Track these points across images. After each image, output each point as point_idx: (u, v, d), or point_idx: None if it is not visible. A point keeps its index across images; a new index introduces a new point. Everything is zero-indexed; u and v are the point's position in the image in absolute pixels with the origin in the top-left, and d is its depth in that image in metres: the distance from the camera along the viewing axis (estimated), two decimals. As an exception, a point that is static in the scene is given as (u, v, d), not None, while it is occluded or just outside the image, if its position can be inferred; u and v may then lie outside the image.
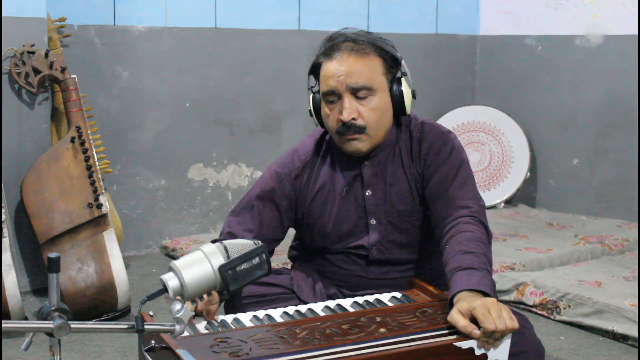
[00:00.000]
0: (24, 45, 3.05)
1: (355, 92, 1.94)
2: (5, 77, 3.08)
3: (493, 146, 4.61)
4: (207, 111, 3.97)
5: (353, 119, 1.93)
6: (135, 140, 3.78)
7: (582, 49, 4.36)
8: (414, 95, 2.02)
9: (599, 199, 4.33)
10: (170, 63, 3.84)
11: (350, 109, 1.94)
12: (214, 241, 2.01)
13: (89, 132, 3.06)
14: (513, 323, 1.60)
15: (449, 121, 4.58)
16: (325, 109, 2.00)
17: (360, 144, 1.98)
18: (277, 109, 4.18)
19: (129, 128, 3.76)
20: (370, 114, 1.96)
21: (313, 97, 2.05)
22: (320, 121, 2.06)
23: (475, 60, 4.91)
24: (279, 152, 4.00)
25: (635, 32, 4.07)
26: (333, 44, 1.99)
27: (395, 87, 1.99)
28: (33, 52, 3.04)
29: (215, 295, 1.82)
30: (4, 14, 3.01)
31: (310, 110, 2.08)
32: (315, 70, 2.03)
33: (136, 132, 3.78)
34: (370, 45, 1.97)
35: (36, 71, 3.04)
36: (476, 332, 1.60)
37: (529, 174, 4.50)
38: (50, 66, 3.04)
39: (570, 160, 4.45)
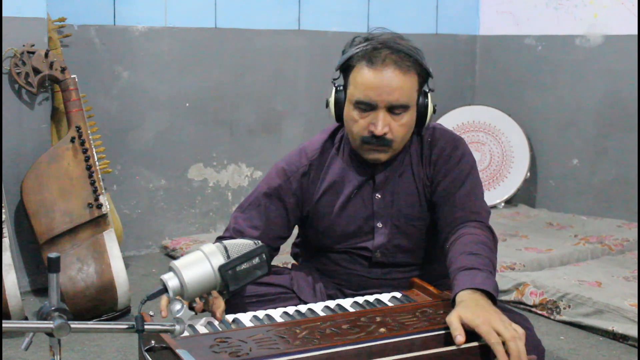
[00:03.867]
0: (24, 45, 3.05)
1: (392, 109, 1.93)
2: (5, 77, 3.08)
3: (493, 146, 4.61)
4: (207, 111, 3.97)
5: (384, 133, 1.93)
6: (135, 140, 3.78)
7: (582, 49, 4.36)
8: (434, 111, 2.02)
9: (599, 199, 4.33)
10: (170, 63, 3.84)
11: (384, 123, 1.92)
12: (219, 238, 2.03)
13: (89, 132, 3.06)
14: (520, 329, 1.60)
15: (449, 121, 4.58)
16: (352, 114, 1.96)
17: (381, 155, 1.98)
18: (277, 109, 4.18)
19: (129, 128, 3.76)
20: (400, 130, 1.95)
21: (337, 94, 2.01)
22: (338, 116, 2.02)
23: (475, 60, 4.91)
24: (279, 152, 4.02)
25: (635, 32, 4.07)
26: (376, 51, 1.93)
27: (422, 101, 1.99)
28: (33, 52, 3.04)
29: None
30: (4, 14, 3.01)
31: (328, 101, 2.04)
32: (346, 68, 1.98)
33: (136, 132, 3.78)
34: (411, 59, 1.94)
35: (36, 71, 3.04)
36: (460, 338, 1.57)
37: (529, 174, 4.50)
38: (50, 66, 3.04)
39: (570, 160, 4.45)
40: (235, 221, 2.09)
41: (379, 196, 2.05)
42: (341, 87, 2.01)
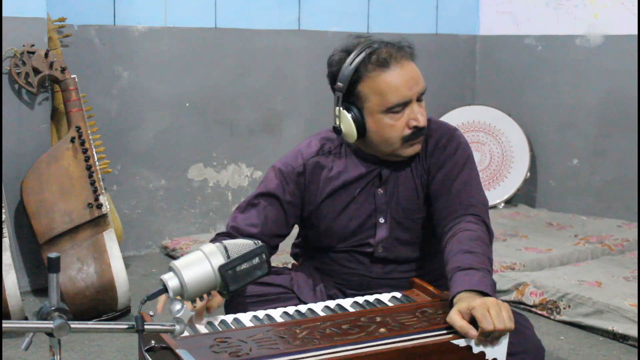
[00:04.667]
0: (24, 45, 3.05)
1: (419, 97, 1.97)
2: (5, 77, 3.08)
3: (493, 146, 4.61)
4: (207, 111, 3.97)
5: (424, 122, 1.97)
6: (135, 140, 3.78)
7: (582, 49, 4.36)
8: None
9: (599, 199, 4.33)
10: (170, 63, 3.84)
11: (421, 113, 1.97)
12: (218, 234, 2.03)
13: (89, 132, 3.06)
14: (511, 323, 1.61)
15: (448, 121, 4.53)
16: (386, 121, 1.96)
17: (419, 146, 2.02)
18: (277, 109, 4.18)
19: (129, 128, 3.76)
20: (425, 114, 2.00)
21: (351, 113, 1.97)
22: (360, 133, 1.99)
23: (475, 60, 4.91)
24: (279, 152, 4.01)
25: (635, 32, 4.07)
26: (382, 53, 1.94)
27: None
28: (33, 52, 3.04)
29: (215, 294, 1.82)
30: (4, 14, 3.01)
31: (339, 128, 2.00)
32: (353, 84, 1.96)
33: (136, 132, 3.78)
34: (408, 48, 2.00)
35: (36, 71, 3.04)
36: (473, 332, 1.60)
37: (529, 174, 4.50)
38: (50, 66, 3.04)
39: (570, 160, 4.45)
40: (233, 220, 2.09)
41: (381, 191, 2.05)
42: (351, 107, 1.98)
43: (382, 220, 2.06)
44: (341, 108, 1.99)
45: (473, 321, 1.62)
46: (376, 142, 2.00)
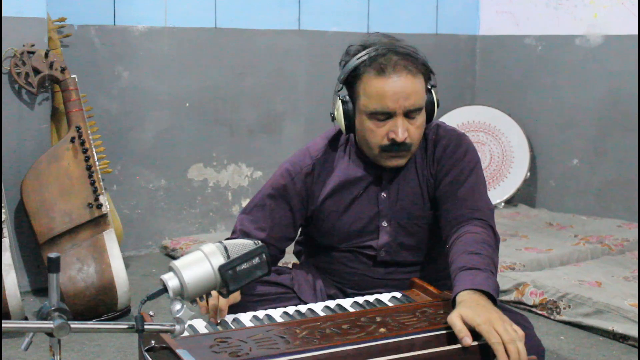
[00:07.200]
0: (24, 45, 3.05)
1: (408, 113, 1.94)
2: (5, 77, 3.08)
3: (493, 146, 4.61)
4: (207, 111, 3.97)
5: (405, 138, 1.93)
6: (135, 140, 3.78)
7: (582, 49, 4.36)
8: (438, 104, 2.03)
9: (599, 199, 4.33)
10: (170, 63, 3.84)
11: (404, 129, 1.93)
12: (226, 239, 2.02)
13: (89, 132, 3.06)
14: (520, 330, 1.60)
15: (449, 121, 4.53)
16: (367, 124, 1.95)
17: (402, 161, 1.99)
18: (277, 109, 4.18)
19: (129, 128, 3.76)
20: (416, 132, 1.97)
21: (344, 106, 1.98)
22: (349, 128, 2.00)
23: (475, 60, 4.91)
24: (279, 152, 4.02)
25: (635, 32, 4.07)
26: (383, 58, 1.92)
27: (429, 98, 2.00)
28: (33, 52, 3.04)
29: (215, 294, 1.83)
30: (4, 14, 3.01)
31: (333, 115, 2.02)
32: (352, 79, 1.96)
33: (136, 132, 3.78)
34: (417, 61, 1.95)
35: (36, 71, 3.04)
36: (468, 340, 1.58)
37: (529, 174, 4.50)
38: (50, 66, 3.04)
39: (570, 160, 4.45)
40: (241, 223, 2.09)
41: (385, 195, 2.05)
42: (347, 99, 1.99)
43: (385, 224, 2.06)
44: (337, 97, 2.00)
45: (475, 332, 1.61)
46: (360, 141, 2.02)
